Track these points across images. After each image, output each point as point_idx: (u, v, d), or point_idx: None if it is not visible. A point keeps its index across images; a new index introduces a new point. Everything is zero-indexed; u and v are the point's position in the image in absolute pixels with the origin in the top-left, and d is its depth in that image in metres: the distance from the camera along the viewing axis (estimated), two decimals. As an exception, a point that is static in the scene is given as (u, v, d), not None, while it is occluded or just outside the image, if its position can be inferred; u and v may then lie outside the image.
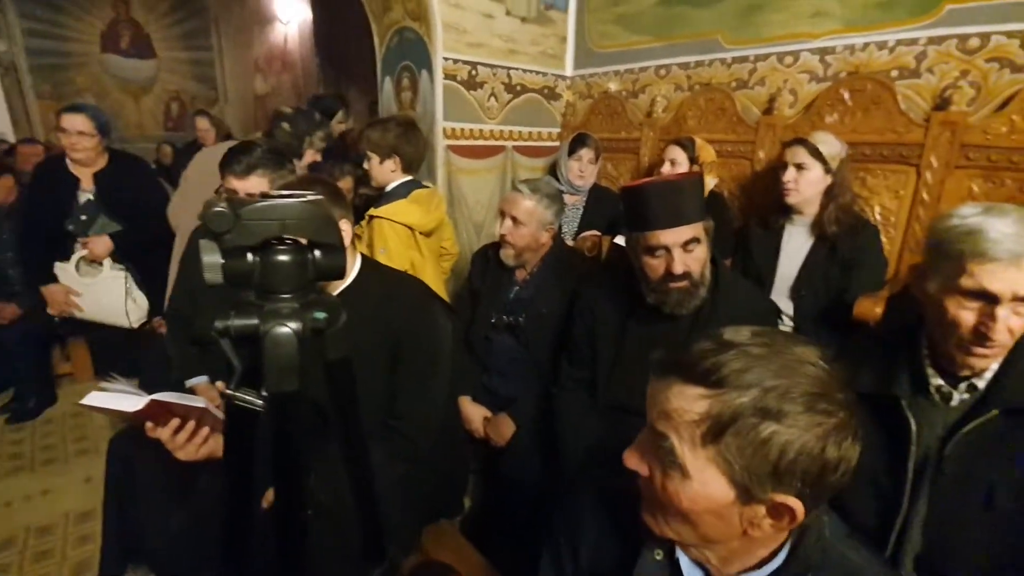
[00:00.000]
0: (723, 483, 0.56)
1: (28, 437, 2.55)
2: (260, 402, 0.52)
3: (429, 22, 2.41)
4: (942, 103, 1.81)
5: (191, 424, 1.17)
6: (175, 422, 1.15)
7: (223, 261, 0.49)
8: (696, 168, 2.18)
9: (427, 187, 2.14)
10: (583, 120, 3.01)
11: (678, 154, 2.20)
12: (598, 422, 1.40)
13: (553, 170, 2.97)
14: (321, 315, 0.52)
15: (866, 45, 2.00)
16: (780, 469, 0.54)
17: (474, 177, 2.76)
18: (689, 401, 0.57)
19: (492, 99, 2.73)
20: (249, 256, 0.50)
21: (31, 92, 5.90)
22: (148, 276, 2.29)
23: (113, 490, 1.57)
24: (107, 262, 2.30)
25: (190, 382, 1.65)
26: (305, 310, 0.52)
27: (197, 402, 1.15)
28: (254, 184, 1.50)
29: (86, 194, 2.30)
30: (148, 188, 2.44)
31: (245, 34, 6.92)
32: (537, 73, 2.91)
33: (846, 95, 2.01)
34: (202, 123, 3.67)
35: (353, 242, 1.32)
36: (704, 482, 0.57)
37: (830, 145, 1.76)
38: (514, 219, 1.65)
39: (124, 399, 1.08)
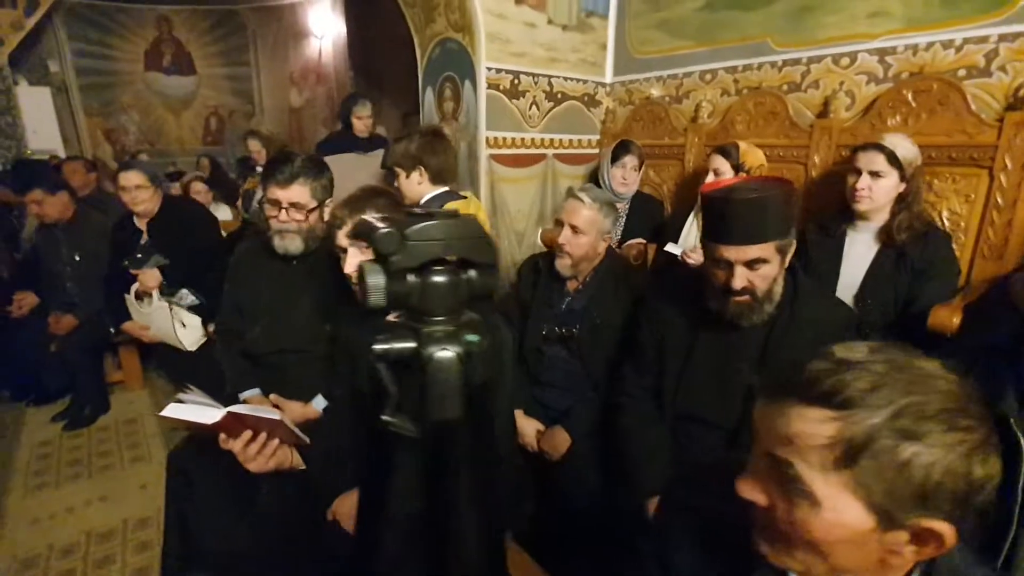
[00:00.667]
0: (860, 509, 0.53)
1: (85, 444, 2.63)
2: (413, 428, 0.51)
3: (473, 33, 2.43)
4: (1016, 103, 1.72)
5: (262, 436, 1.18)
6: (247, 434, 1.17)
7: (386, 283, 0.48)
8: (743, 175, 2.13)
9: (463, 197, 2.10)
10: (623, 127, 2.98)
11: (721, 163, 2.15)
12: (664, 432, 1.37)
13: (593, 177, 2.99)
14: (474, 338, 0.51)
15: (930, 44, 1.92)
16: (925, 492, 0.51)
17: (516, 186, 2.76)
18: (813, 424, 0.54)
19: (533, 107, 2.73)
20: (410, 277, 0.50)
21: (80, 110, 6.17)
22: (208, 295, 2.40)
23: (173, 502, 1.60)
24: (155, 294, 2.45)
25: (244, 394, 1.67)
26: (460, 333, 0.51)
27: (272, 414, 1.16)
28: (296, 193, 1.53)
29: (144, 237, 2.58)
30: (196, 227, 2.65)
31: (281, 49, 7.11)
32: (577, 81, 2.90)
33: (910, 96, 1.94)
34: (254, 144, 3.62)
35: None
36: (838, 509, 0.54)
37: (907, 150, 1.68)
38: (574, 228, 1.63)
39: (202, 411, 1.10)
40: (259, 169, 3.28)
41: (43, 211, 2.66)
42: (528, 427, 1.71)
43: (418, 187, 1.96)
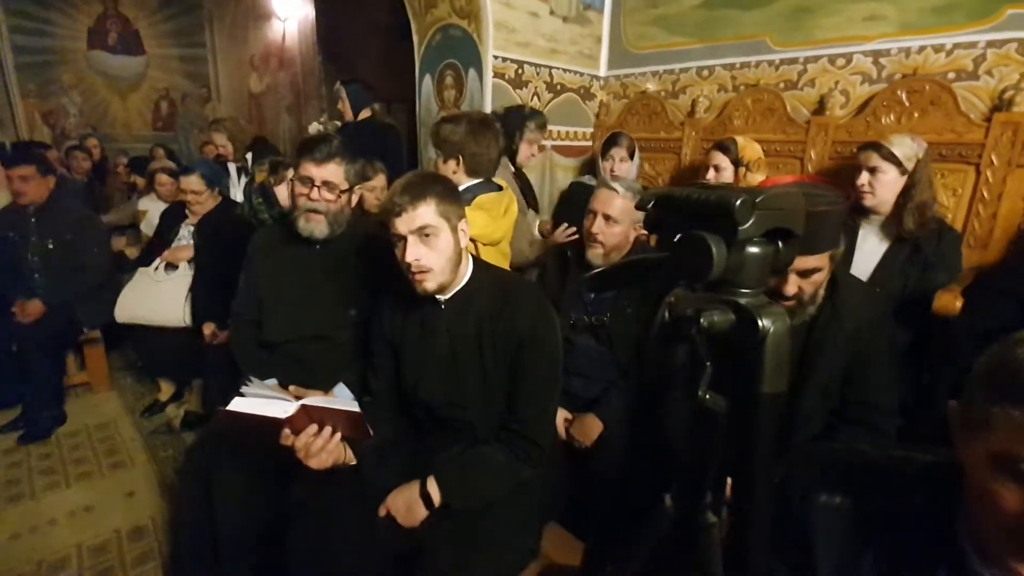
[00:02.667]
0: None
1: (55, 451, 2.43)
2: (724, 405, 0.50)
3: (480, 20, 2.40)
4: (1002, 104, 1.87)
5: (327, 431, 1.13)
6: (312, 428, 1.12)
7: (727, 254, 0.47)
8: (742, 170, 2.21)
9: (498, 187, 2.05)
10: (617, 120, 3.03)
11: (720, 159, 2.22)
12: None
13: (588, 169, 3.03)
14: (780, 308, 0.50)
15: (922, 48, 2.06)
16: None
17: (517, 177, 2.74)
18: None
19: (535, 99, 2.73)
20: (750, 248, 0.49)
21: (16, 90, 5.64)
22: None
23: (190, 503, 1.51)
24: (183, 265, 2.52)
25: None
26: (773, 303, 0.50)
27: (350, 405, 1.11)
28: (331, 171, 1.50)
29: (190, 226, 2.60)
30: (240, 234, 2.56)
31: (240, 31, 6.75)
32: (575, 73, 2.92)
33: (904, 96, 2.07)
34: (219, 138, 3.29)
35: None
36: None
37: (905, 147, 1.78)
38: (607, 217, 1.64)
39: (271, 404, 1.04)
40: (253, 162, 3.11)
41: (23, 189, 2.45)
42: (557, 415, 1.71)
43: (453, 176, 1.88)
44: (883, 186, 1.80)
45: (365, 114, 2.85)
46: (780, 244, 0.51)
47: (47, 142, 5.52)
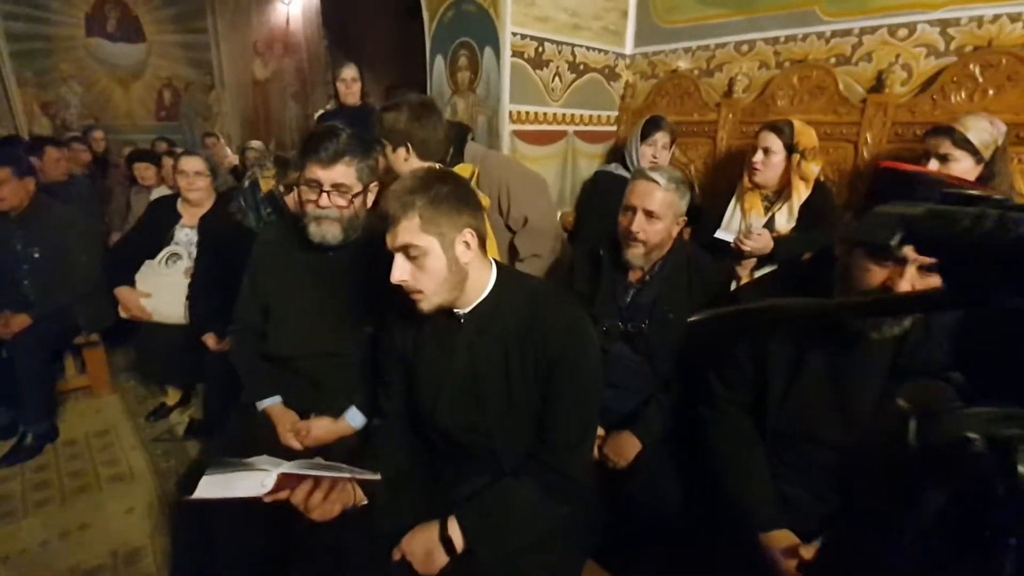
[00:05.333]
0: None
1: (51, 461, 2.33)
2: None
3: (497, -7, 2.22)
4: (1096, 77, 1.66)
5: (326, 484, 0.99)
6: (307, 485, 0.98)
7: None
8: (796, 157, 2.02)
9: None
10: (645, 102, 2.84)
11: (772, 141, 2.03)
12: (764, 454, 1.25)
13: (613, 157, 2.85)
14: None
15: (996, 17, 1.85)
16: None
17: (537, 165, 2.57)
18: None
19: (556, 79, 2.55)
20: None
21: (12, 80, 5.54)
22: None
23: (186, 532, 1.39)
24: (185, 255, 2.44)
25: (263, 403, 1.51)
26: None
27: (337, 472, 0.96)
28: (340, 173, 1.36)
29: (185, 230, 2.48)
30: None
31: (243, 15, 6.58)
32: (599, 51, 2.73)
33: (976, 71, 1.86)
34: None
35: (484, 247, 1.15)
36: None
37: (982, 132, 1.60)
38: (648, 213, 1.50)
39: (244, 479, 0.89)
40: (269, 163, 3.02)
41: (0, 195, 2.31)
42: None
43: (404, 163, 1.78)
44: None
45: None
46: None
47: (49, 134, 5.45)
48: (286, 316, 1.50)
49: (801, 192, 2.00)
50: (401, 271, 1.04)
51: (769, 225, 2.04)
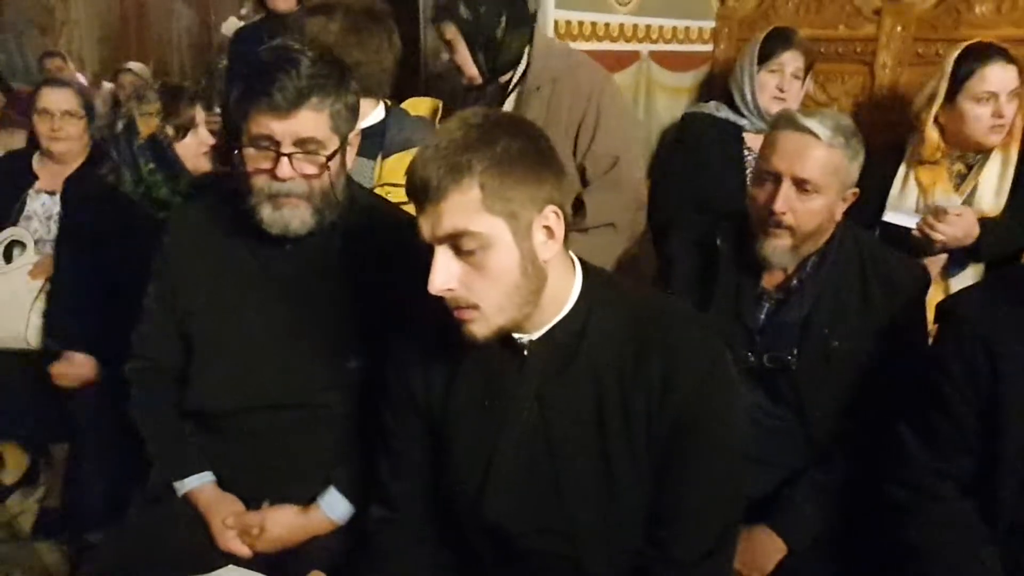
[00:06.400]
0: None
1: None
2: None
3: None
4: None
5: None
6: None
7: None
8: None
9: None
10: (758, 8, 2.97)
11: (1010, 77, 2.08)
12: (996, 557, 1.25)
13: (710, 91, 2.95)
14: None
15: None
16: None
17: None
18: None
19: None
20: None
21: None
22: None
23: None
24: (31, 245, 2.48)
25: (185, 485, 1.50)
26: None
27: None
28: (307, 123, 1.34)
29: (43, 197, 2.55)
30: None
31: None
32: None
33: None
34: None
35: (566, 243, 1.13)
36: None
37: None
38: (801, 183, 1.48)
39: None
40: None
41: None
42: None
43: None
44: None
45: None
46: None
47: None
48: (221, 347, 1.48)
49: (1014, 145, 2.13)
50: (446, 275, 1.00)
51: (968, 203, 2.10)
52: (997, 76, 2.05)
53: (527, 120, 1.16)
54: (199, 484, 1.47)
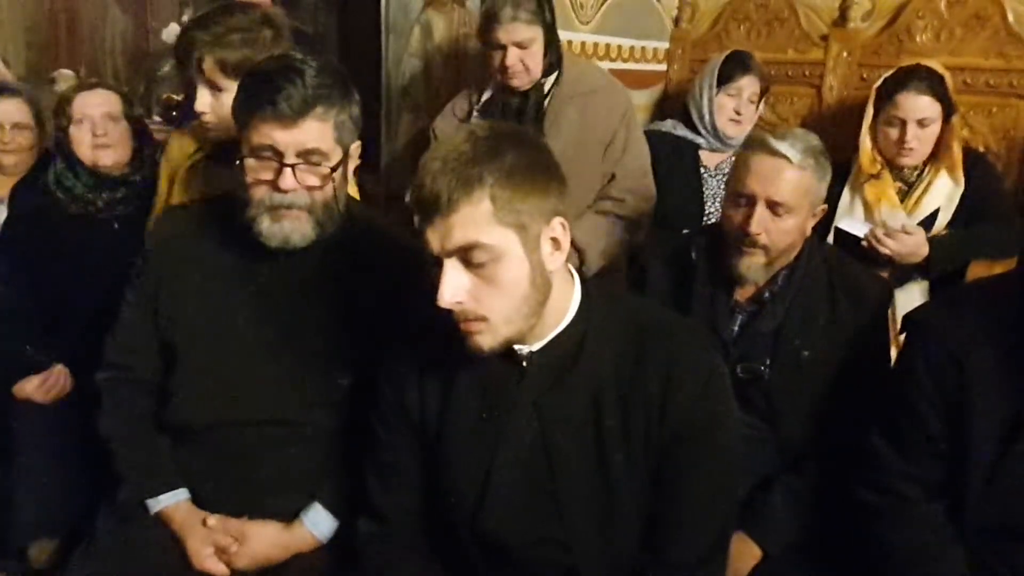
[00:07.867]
0: None
1: None
2: None
3: None
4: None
5: None
6: None
7: None
8: (956, 120, 2.27)
9: None
10: (711, 30, 3.05)
11: (928, 107, 2.18)
12: (962, 558, 1.29)
13: (667, 111, 3.05)
14: None
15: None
16: None
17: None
18: None
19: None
20: None
21: None
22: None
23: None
24: None
25: (158, 503, 1.47)
26: None
27: None
28: (312, 132, 1.33)
29: None
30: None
31: None
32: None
33: (942, 7, 2.40)
34: None
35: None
36: None
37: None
38: (774, 205, 1.52)
39: None
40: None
41: None
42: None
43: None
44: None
45: None
46: None
47: None
48: (206, 360, 1.46)
49: (958, 169, 2.19)
50: (455, 288, 1.01)
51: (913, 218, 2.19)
52: (909, 104, 2.16)
53: (531, 133, 1.17)
54: (173, 502, 1.45)
